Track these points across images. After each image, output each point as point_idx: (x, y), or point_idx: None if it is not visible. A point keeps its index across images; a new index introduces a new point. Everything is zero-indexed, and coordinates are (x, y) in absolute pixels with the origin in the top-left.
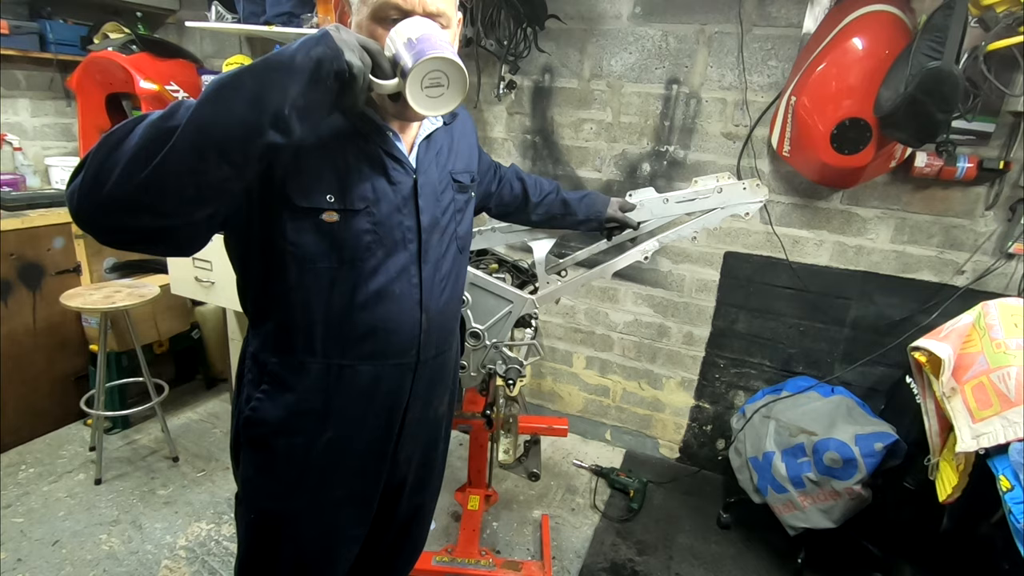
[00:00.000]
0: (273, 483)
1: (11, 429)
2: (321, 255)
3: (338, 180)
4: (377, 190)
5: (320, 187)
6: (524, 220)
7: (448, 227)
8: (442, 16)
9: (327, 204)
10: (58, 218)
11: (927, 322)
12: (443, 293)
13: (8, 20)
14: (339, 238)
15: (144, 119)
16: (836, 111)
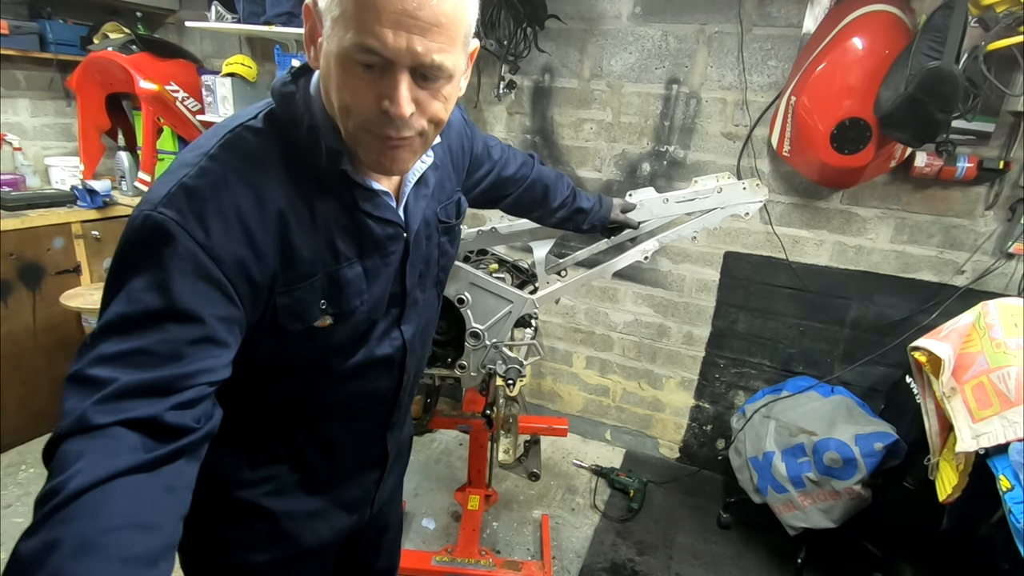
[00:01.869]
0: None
1: (11, 429)
2: (309, 356)
3: (329, 281)
4: (370, 273)
5: (314, 297)
6: (538, 220)
7: (430, 274)
8: (441, 71)
9: (320, 312)
10: (58, 218)
11: (927, 322)
12: (423, 342)
13: (8, 20)
14: (332, 340)
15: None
16: (836, 111)
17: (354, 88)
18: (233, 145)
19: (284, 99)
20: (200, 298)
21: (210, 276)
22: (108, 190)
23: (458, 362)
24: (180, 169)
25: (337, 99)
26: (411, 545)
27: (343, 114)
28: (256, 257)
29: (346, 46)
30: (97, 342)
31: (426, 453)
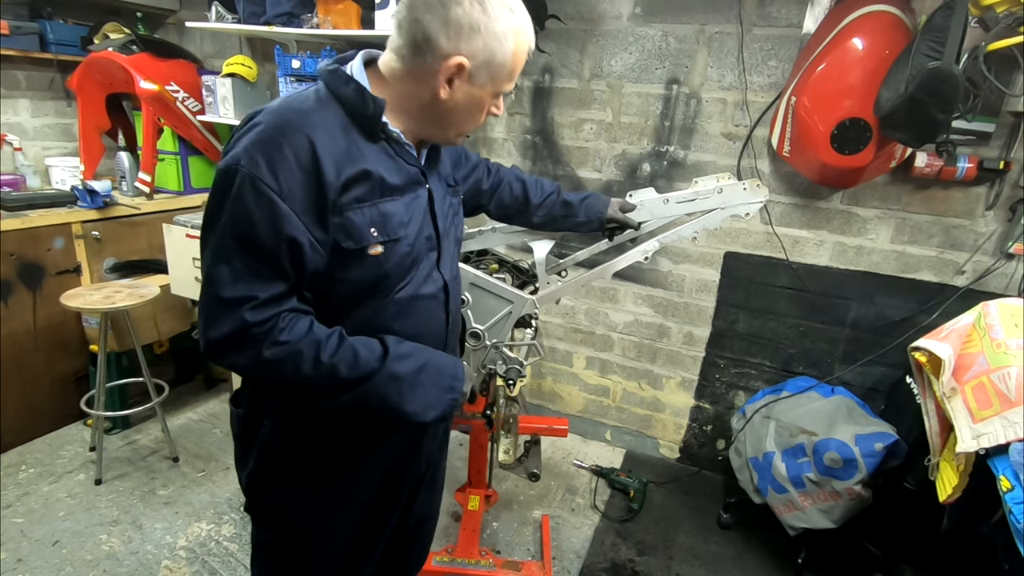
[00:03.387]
0: (319, 498)
1: (11, 429)
2: (366, 286)
3: (379, 212)
4: (408, 208)
5: (364, 221)
6: (525, 222)
7: (451, 230)
8: None
9: (371, 239)
10: (58, 218)
11: (927, 322)
12: (456, 290)
13: (8, 20)
14: (383, 268)
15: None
16: (836, 111)
17: (480, 113)
18: (293, 102)
19: (332, 73)
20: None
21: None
22: (108, 190)
23: None
24: (252, 129)
25: (467, 119)
26: None
27: (455, 128)
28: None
29: (498, 90)
30: None
31: None
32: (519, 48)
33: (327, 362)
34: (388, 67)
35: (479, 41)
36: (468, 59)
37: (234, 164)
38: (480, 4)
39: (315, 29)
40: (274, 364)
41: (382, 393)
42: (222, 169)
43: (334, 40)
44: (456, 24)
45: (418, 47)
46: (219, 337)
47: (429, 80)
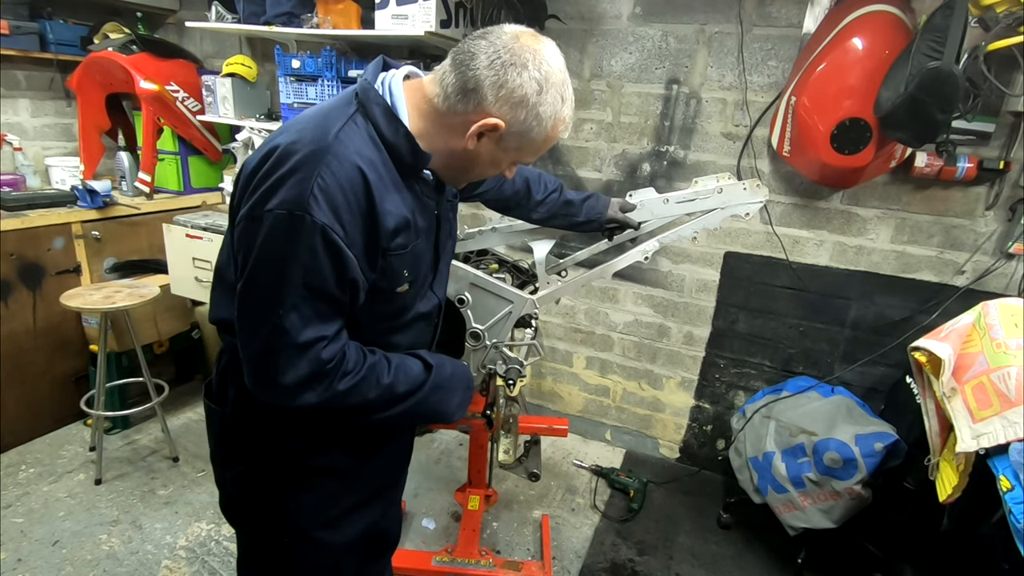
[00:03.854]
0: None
1: (11, 429)
2: (385, 314)
3: (412, 255)
4: (428, 245)
5: (401, 266)
6: (524, 217)
7: (447, 247)
8: None
9: (403, 280)
10: (58, 218)
11: (927, 322)
12: (444, 305)
13: (8, 20)
14: (404, 302)
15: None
16: (836, 111)
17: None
18: (346, 140)
19: (380, 106)
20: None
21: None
22: (108, 190)
23: None
24: (304, 168)
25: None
26: (411, 545)
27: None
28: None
29: (520, 160)
30: None
31: (426, 453)
32: (554, 134)
33: (386, 383)
34: (430, 98)
35: (522, 113)
36: (506, 124)
37: (300, 211)
38: (539, 84)
39: (315, 29)
40: (345, 393)
41: (431, 401)
42: (282, 215)
43: (334, 40)
44: (509, 90)
45: (465, 93)
46: (297, 380)
47: (461, 127)
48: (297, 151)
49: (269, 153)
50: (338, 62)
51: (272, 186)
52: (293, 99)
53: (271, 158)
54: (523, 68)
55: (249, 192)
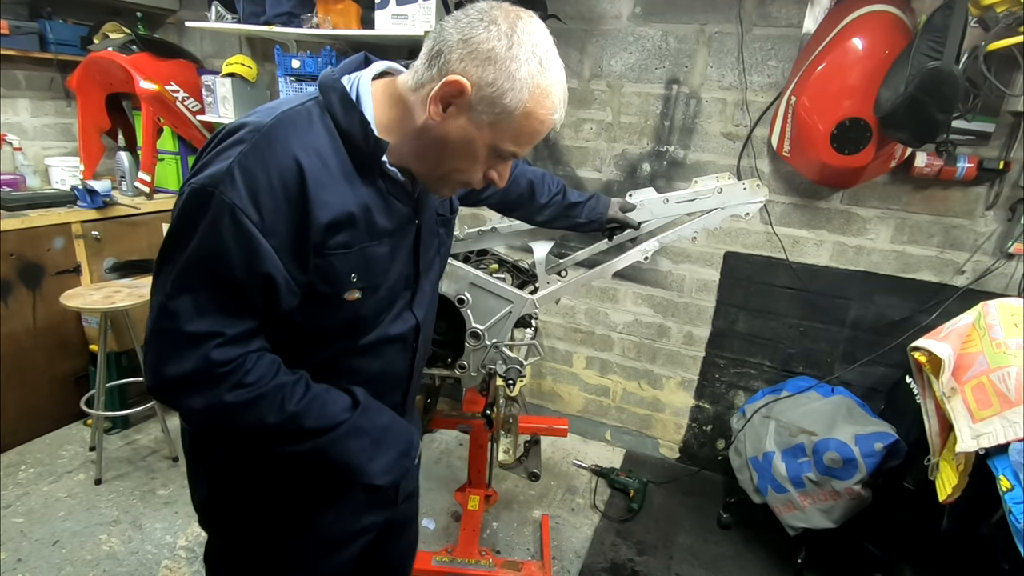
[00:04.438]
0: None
1: (11, 429)
2: (336, 328)
3: (363, 257)
4: (394, 252)
5: (346, 267)
6: (528, 219)
7: (432, 265)
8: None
9: (351, 285)
10: (58, 218)
11: (927, 322)
12: (428, 328)
13: (8, 20)
14: (358, 313)
15: (274, 413)
16: (836, 111)
17: (474, 161)
18: (287, 123)
19: (337, 92)
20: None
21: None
22: (108, 190)
23: (458, 362)
24: (234, 146)
25: (455, 161)
26: None
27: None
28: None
29: (499, 146)
30: None
31: (426, 453)
32: (535, 111)
33: (291, 410)
34: (401, 84)
35: (490, 72)
36: (472, 85)
37: (211, 186)
38: (508, 38)
39: (315, 29)
40: (234, 408)
41: (346, 447)
42: (196, 189)
43: (334, 40)
44: (474, 45)
45: (432, 58)
46: (178, 375)
47: (425, 100)
48: (235, 130)
49: (217, 132)
50: (338, 62)
51: (202, 163)
52: None
53: (215, 136)
54: (491, 23)
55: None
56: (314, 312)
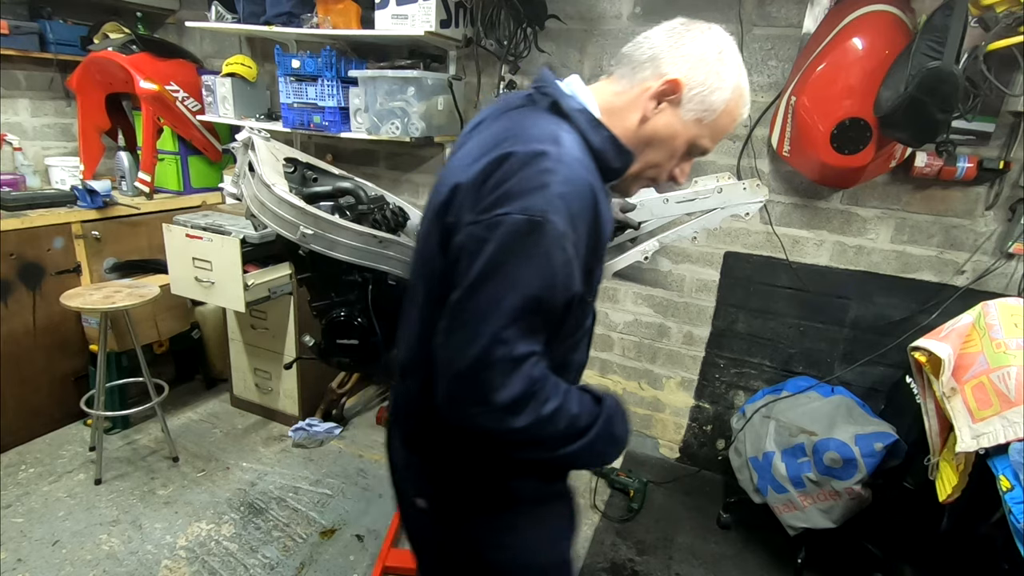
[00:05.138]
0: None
1: (11, 429)
2: (574, 326)
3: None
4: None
5: (598, 274)
6: None
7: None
8: None
9: (595, 290)
10: (58, 218)
11: (927, 322)
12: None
13: (8, 20)
14: (589, 309)
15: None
16: (836, 111)
17: (670, 156)
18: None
19: (584, 113)
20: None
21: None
22: (108, 190)
23: None
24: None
25: (655, 155)
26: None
27: (639, 164)
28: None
29: (697, 142)
30: None
31: None
32: (733, 110)
33: (575, 411)
34: (612, 94)
35: (702, 73)
36: (685, 83)
37: (538, 215)
38: (716, 44)
39: (315, 29)
40: (548, 420)
41: (610, 430)
42: (521, 220)
43: (334, 40)
44: (688, 49)
45: (641, 65)
46: (510, 399)
47: (640, 99)
48: (534, 157)
49: (499, 159)
50: (338, 62)
51: (508, 192)
52: (293, 99)
53: (503, 164)
54: (700, 33)
55: (474, 200)
56: (571, 316)
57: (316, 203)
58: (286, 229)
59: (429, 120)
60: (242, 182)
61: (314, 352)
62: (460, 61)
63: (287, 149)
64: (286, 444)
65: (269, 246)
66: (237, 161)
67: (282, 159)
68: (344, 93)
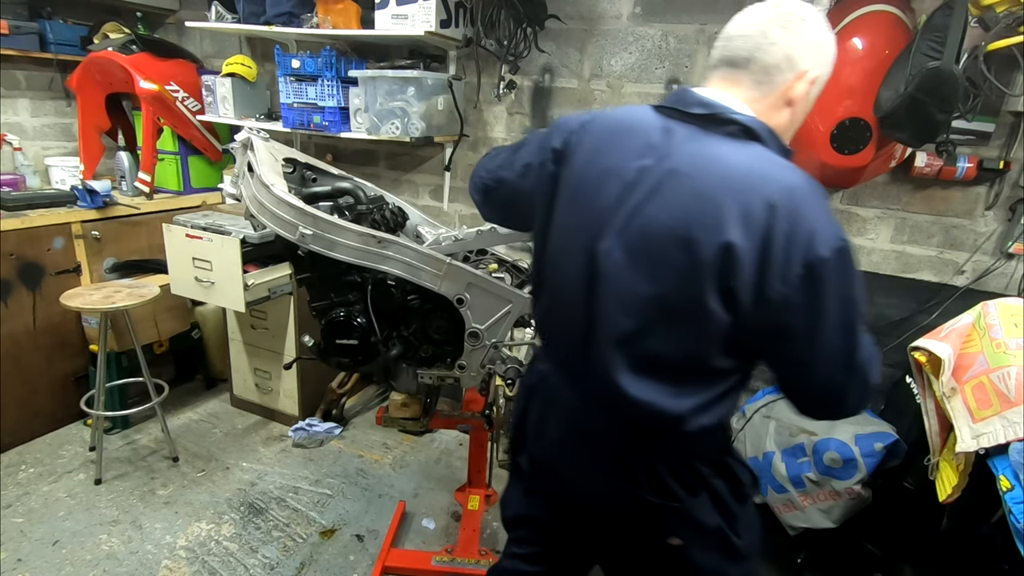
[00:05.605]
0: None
1: (11, 429)
2: None
3: None
4: None
5: None
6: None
7: None
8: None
9: None
10: (58, 218)
11: (927, 322)
12: None
13: (8, 20)
14: None
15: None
16: (836, 111)
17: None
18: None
19: (774, 135)
20: None
21: None
22: (108, 190)
23: (458, 362)
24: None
25: (789, 139)
26: (411, 545)
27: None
28: None
29: (811, 107)
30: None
31: (426, 453)
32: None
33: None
34: (755, 109)
35: (828, 55)
36: (819, 72)
37: (846, 238)
38: (821, 25)
39: (315, 29)
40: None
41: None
42: (845, 245)
43: (334, 40)
44: (811, 39)
45: (777, 68)
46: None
47: (782, 98)
48: (804, 187)
49: (786, 196)
50: (338, 62)
51: (816, 225)
52: (293, 99)
53: (793, 200)
54: (811, 18)
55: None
56: None
57: (315, 203)
58: (285, 229)
59: (429, 120)
60: (241, 182)
61: (314, 352)
62: (460, 61)
63: (286, 149)
64: (286, 444)
65: (269, 246)
66: (236, 161)
67: (281, 159)
68: (344, 93)
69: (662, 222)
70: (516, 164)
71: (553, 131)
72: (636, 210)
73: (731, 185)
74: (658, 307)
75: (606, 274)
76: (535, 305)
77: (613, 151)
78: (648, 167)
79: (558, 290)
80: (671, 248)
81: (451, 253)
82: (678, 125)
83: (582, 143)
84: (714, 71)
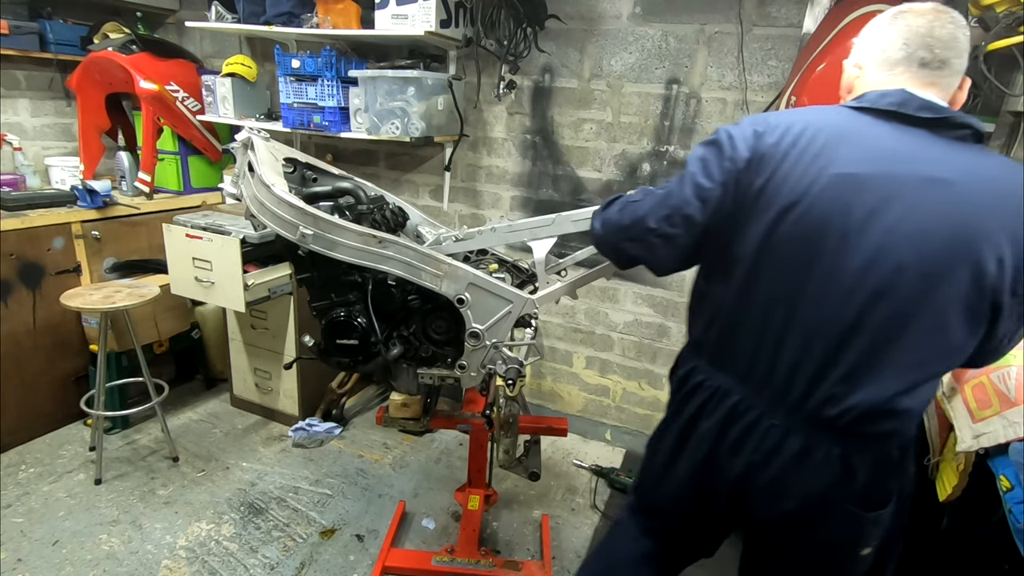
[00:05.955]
0: None
1: (11, 429)
2: None
3: None
4: None
5: None
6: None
7: None
8: None
9: None
10: (58, 218)
11: None
12: None
13: (8, 20)
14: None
15: None
16: None
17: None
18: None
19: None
20: None
21: None
22: (108, 190)
23: (458, 362)
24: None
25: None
26: (411, 545)
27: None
28: None
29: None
30: None
31: (426, 453)
32: None
33: None
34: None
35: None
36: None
37: None
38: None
39: (315, 29)
40: None
41: None
42: None
43: (334, 40)
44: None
45: (960, 73)
46: None
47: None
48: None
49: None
50: (338, 62)
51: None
52: (293, 99)
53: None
54: (965, 27)
55: None
56: None
57: (316, 203)
58: (285, 229)
59: (429, 120)
60: (242, 182)
61: (314, 352)
62: (460, 61)
63: (286, 149)
64: (286, 444)
65: (269, 246)
66: (237, 161)
67: (281, 159)
68: (344, 93)
69: (933, 232)
70: (690, 196)
71: (725, 143)
72: (900, 219)
73: (999, 192)
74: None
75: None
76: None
77: (835, 157)
78: (897, 174)
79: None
80: (950, 258)
81: (451, 253)
82: (902, 129)
83: (783, 151)
84: (898, 70)
